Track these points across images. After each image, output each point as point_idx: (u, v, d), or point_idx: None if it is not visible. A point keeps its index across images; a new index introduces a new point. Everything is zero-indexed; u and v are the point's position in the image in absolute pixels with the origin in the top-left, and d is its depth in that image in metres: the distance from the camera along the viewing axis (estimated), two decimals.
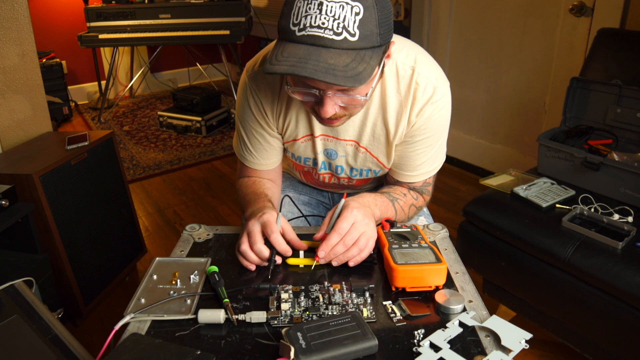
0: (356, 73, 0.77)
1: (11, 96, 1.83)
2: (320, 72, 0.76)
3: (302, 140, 1.11)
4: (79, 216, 1.76)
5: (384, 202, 1.03)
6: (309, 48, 0.77)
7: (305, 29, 0.77)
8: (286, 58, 0.77)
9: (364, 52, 0.79)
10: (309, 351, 0.66)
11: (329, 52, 0.77)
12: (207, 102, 3.71)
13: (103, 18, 3.63)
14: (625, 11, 2.04)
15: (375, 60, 0.81)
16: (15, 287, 0.93)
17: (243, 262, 0.91)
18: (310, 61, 0.76)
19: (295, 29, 0.78)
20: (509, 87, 2.65)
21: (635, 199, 1.46)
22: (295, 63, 0.76)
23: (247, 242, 0.91)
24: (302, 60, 0.76)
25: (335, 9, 0.75)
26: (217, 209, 2.68)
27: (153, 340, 0.70)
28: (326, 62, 0.76)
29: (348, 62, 0.77)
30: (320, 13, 0.76)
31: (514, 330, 0.73)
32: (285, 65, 0.77)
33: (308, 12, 0.76)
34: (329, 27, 0.76)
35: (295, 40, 0.78)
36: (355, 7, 0.76)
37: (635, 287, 1.20)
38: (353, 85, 0.78)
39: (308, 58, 0.76)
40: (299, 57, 0.77)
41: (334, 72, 0.76)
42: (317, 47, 0.77)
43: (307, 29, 0.77)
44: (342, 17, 0.76)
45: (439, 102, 1.00)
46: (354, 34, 0.77)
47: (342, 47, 0.77)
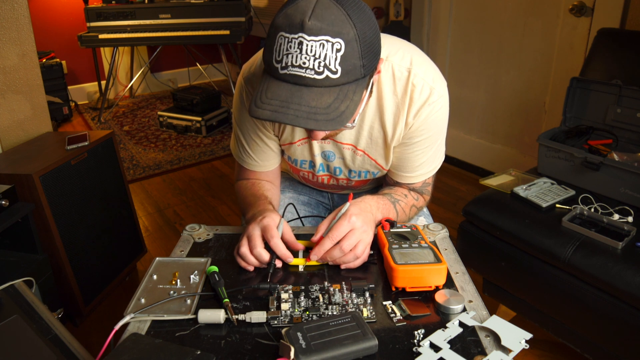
0: (338, 114, 0.78)
1: (11, 96, 1.83)
2: (301, 119, 0.76)
3: (298, 143, 1.11)
4: (79, 216, 1.76)
5: (386, 204, 1.03)
6: (291, 88, 0.77)
7: (287, 68, 0.77)
8: (269, 100, 0.78)
9: (347, 87, 0.79)
10: (309, 351, 0.66)
11: (311, 92, 0.77)
12: (207, 102, 3.71)
13: (103, 18, 3.63)
14: (625, 11, 2.04)
15: (359, 94, 0.81)
16: (15, 287, 0.93)
17: (241, 263, 0.92)
18: (292, 105, 0.76)
19: (278, 66, 0.78)
20: (509, 87, 2.65)
21: (635, 199, 1.46)
22: (277, 108, 0.77)
23: (247, 245, 0.91)
24: (284, 105, 0.77)
25: (315, 48, 0.75)
26: (217, 209, 2.68)
27: (153, 340, 0.70)
28: (308, 104, 0.77)
29: (330, 101, 0.77)
30: (300, 52, 0.75)
31: (514, 330, 0.73)
32: (268, 110, 0.77)
33: (289, 51, 0.76)
34: (309, 66, 0.76)
35: (278, 77, 0.78)
36: (336, 43, 0.75)
37: (635, 287, 1.20)
38: (334, 128, 0.78)
39: (290, 101, 0.77)
40: (282, 99, 0.77)
41: (316, 116, 0.76)
42: (299, 87, 0.77)
43: (289, 68, 0.77)
44: (323, 55, 0.75)
45: (436, 103, 0.99)
46: (335, 71, 0.76)
47: (325, 85, 0.77)
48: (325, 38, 0.75)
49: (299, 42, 0.75)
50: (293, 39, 0.75)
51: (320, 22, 0.74)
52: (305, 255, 0.95)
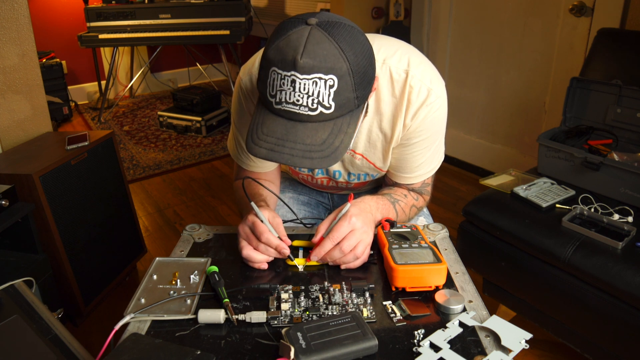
0: (333, 150, 0.78)
1: (11, 96, 1.83)
2: (297, 157, 0.77)
3: None
4: (79, 216, 1.76)
5: (386, 204, 1.03)
6: (286, 124, 0.78)
7: (281, 104, 0.77)
8: (265, 137, 0.79)
9: (341, 120, 0.80)
10: (309, 351, 0.66)
11: (306, 127, 0.78)
12: (207, 102, 3.71)
13: (103, 18, 3.63)
14: (625, 11, 2.04)
15: (353, 125, 0.81)
16: (15, 287, 0.92)
17: (254, 266, 0.92)
18: (288, 143, 0.78)
19: (272, 100, 0.78)
20: (509, 87, 2.65)
21: (635, 199, 1.46)
22: (273, 146, 0.78)
23: (247, 246, 0.91)
24: (280, 143, 0.78)
25: (308, 86, 0.75)
26: (217, 209, 2.68)
27: (153, 340, 0.70)
28: (303, 142, 0.77)
29: (325, 137, 0.78)
30: (294, 90, 0.75)
31: (514, 330, 0.73)
32: (264, 148, 0.79)
33: (282, 88, 0.76)
34: (303, 103, 0.76)
35: (273, 111, 0.79)
36: (329, 80, 0.75)
37: (635, 287, 1.20)
38: (329, 165, 0.79)
39: (285, 139, 0.78)
40: (277, 137, 0.78)
41: (311, 154, 0.77)
42: (294, 123, 0.78)
43: (283, 104, 0.77)
44: (316, 93, 0.75)
45: (434, 104, 0.99)
46: (329, 106, 0.77)
47: (319, 120, 0.78)
48: (317, 76, 0.75)
49: (292, 80, 0.75)
50: (286, 77, 0.75)
51: (312, 60, 0.74)
52: (305, 255, 0.95)
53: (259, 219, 0.91)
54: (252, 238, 0.91)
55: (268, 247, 0.90)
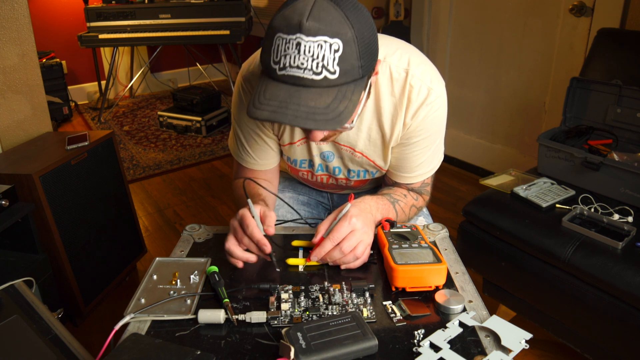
0: (337, 114, 0.77)
1: (11, 96, 1.83)
2: (300, 119, 0.76)
3: (298, 143, 1.11)
4: (79, 216, 1.76)
5: (385, 204, 1.03)
6: (289, 89, 0.77)
7: (285, 69, 0.76)
8: (268, 101, 0.77)
9: (346, 88, 0.79)
10: (309, 351, 0.66)
11: (310, 92, 0.77)
12: (207, 102, 3.71)
13: (103, 18, 3.63)
14: (625, 11, 2.04)
15: (357, 94, 0.81)
16: (15, 287, 0.92)
17: (230, 260, 0.92)
18: (291, 105, 0.76)
19: (275, 67, 0.77)
20: (509, 87, 2.65)
21: (635, 199, 1.46)
22: (276, 108, 0.76)
23: (231, 239, 0.91)
24: (282, 105, 0.76)
25: (313, 48, 0.75)
26: (217, 209, 2.68)
27: (153, 340, 0.70)
28: (307, 105, 0.76)
29: (329, 101, 0.77)
30: (298, 53, 0.75)
31: (514, 330, 0.73)
32: (266, 110, 0.77)
33: (287, 52, 0.76)
34: (308, 67, 0.75)
35: (276, 79, 0.78)
36: (334, 44, 0.75)
37: (635, 287, 1.20)
38: (333, 128, 0.78)
39: (289, 102, 0.76)
40: (280, 100, 0.77)
41: (315, 116, 0.76)
42: (298, 88, 0.77)
43: (287, 69, 0.76)
44: (321, 56, 0.75)
45: (434, 104, 0.99)
46: (333, 71, 0.76)
47: (323, 85, 0.77)
48: (323, 39, 0.75)
49: (297, 43, 0.75)
50: (291, 40, 0.75)
51: (318, 23, 0.74)
52: (305, 255, 0.95)
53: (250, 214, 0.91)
54: (238, 230, 0.91)
55: (251, 243, 0.89)
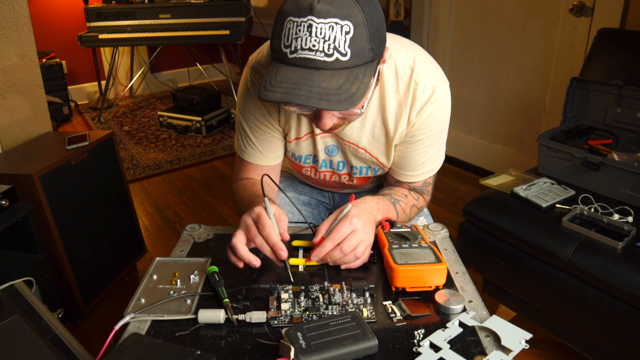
0: (349, 95, 0.78)
1: (11, 96, 1.83)
2: (313, 99, 0.76)
3: (304, 138, 1.11)
4: (79, 216, 1.76)
5: (386, 205, 1.03)
6: (301, 71, 0.77)
7: (296, 52, 0.77)
8: (280, 83, 0.77)
9: (357, 70, 0.79)
10: (309, 351, 0.66)
11: (322, 74, 0.77)
12: (207, 102, 3.71)
13: (103, 18, 3.63)
14: (625, 11, 2.04)
15: (368, 77, 0.81)
16: (15, 287, 0.92)
17: (232, 259, 0.88)
18: (304, 87, 0.76)
19: (287, 51, 0.78)
20: (509, 87, 2.65)
21: (635, 199, 1.46)
22: (288, 90, 0.76)
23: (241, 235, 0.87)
24: (295, 86, 0.76)
25: (324, 30, 0.75)
26: (217, 209, 2.68)
27: (153, 340, 0.70)
28: (319, 86, 0.76)
29: (341, 83, 0.77)
30: (310, 35, 0.75)
31: (514, 330, 0.73)
32: (279, 92, 0.77)
33: (298, 35, 0.76)
34: (319, 49, 0.76)
35: (287, 62, 0.78)
36: (345, 26, 0.76)
37: (635, 287, 1.20)
38: (346, 108, 0.78)
39: (301, 83, 0.76)
40: (292, 82, 0.77)
41: (328, 96, 0.76)
42: (310, 70, 0.77)
43: (298, 52, 0.77)
44: (333, 38, 0.75)
45: (439, 102, 1.00)
46: (345, 53, 0.77)
47: (335, 67, 0.77)
48: (334, 20, 0.75)
49: (309, 25, 0.75)
50: (302, 22, 0.76)
51: (329, 5, 0.75)
52: (305, 255, 0.95)
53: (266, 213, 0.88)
54: (252, 228, 0.87)
55: (264, 243, 0.86)
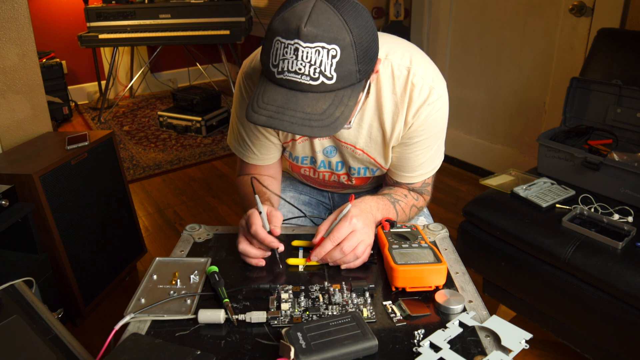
0: (333, 120, 0.78)
1: (11, 96, 1.83)
2: (296, 125, 0.77)
3: (299, 140, 1.11)
4: (79, 216, 1.76)
5: (386, 204, 1.03)
6: (287, 93, 0.78)
7: (283, 73, 0.77)
8: (266, 105, 0.79)
9: (343, 93, 0.79)
10: (309, 351, 0.66)
11: (307, 97, 0.78)
12: (207, 102, 3.71)
13: (103, 18, 3.63)
14: (625, 11, 2.04)
15: (354, 99, 0.81)
16: (15, 287, 0.92)
17: (250, 261, 0.92)
18: (288, 111, 0.77)
19: (274, 70, 0.78)
20: (509, 87, 2.65)
21: (635, 199, 1.46)
22: (273, 114, 0.78)
23: (244, 240, 0.92)
24: (280, 110, 0.78)
25: (310, 54, 0.75)
26: (217, 209, 2.68)
27: (153, 340, 0.70)
28: (303, 110, 0.77)
29: (325, 107, 0.78)
30: (296, 59, 0.76)
31: (514, 330, 0.73)
32: (264, 115, 0.78)
33: (285, 56, 0.77)
34: (305, 72, 0.76)
35: (275, 81, 0.79)
36: (332, 50, 0.76)
37: (635, 287, 1.20)
38: (328, 134, 0.79)
39: (286, 107, 0.77)
40: (278, 104, 0.78)
41: (310, 122, 0.77)
42: (295, 93, 0.78)
43: (285, 73, 0.77)
44: (319, 62, 0.76)
45: (436, 103, 0.99)
46: (331, 77, 0.77)
47: (320, 90, 0.78)
48: (320, 45, 0.75)
49: (295, 49, 0.75)
50: (289, 45, 0.76)
51: (316, 29, 0.75)
52: (305, 255, 0.95)
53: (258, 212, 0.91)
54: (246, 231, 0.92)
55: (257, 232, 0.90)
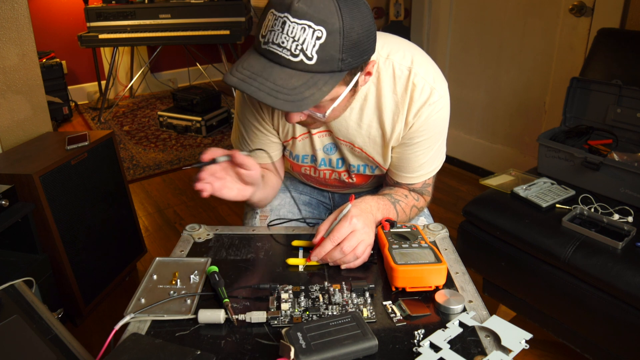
0: (300, 98, 0.78)
1: (11, 96, 1.83)
2: (262, 92, 0.77)
3: (300, 138, 1.11)
4: (79, 216, 1.76)
5: (386, 205, 1.03)
6: (265, 63, 0.79)
7: (267, 44, 0.78)
8: (243, 70, 0.80)
9: (319, 77, 0.79)
10: (309, 351, 0.66)
11: (283, 71, 0.78)
12: (207, 102, 3.71)
13: (103, 18, 3.63)
14: (625, 11, 2.04)
15: (330, 86, 0.81)
16: (15, 287, 0.92)
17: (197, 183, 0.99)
18: (259, 79, 0.78)
19: (261, 40, 0.79)
20: (509, 87, 2.65)
21: (635, 199, 1.46)
22: (245, 78, 0.79)
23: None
24: (252, 77, 0.79)
25: (296, 30, 0.76)
26: (217, 209, 2.68)
27: (153, 340, 0.70)
28: (274, 82, 0.78)
29: (297, 85, 0.78)
30: (282, 32, 0.76)
31: (514, 330, 0.73)
32: (236, 78, 0.79)
33: (272, 28, 0.77)
34: (287, 47, 0.77)
35: (259, 51, 0.80)
36: (317, 31, 0.76)
37: (635, 287, 1.20)
38: (291, 110, 0.79)
39: (259, 75, 0.78)
40: (253, 71, 0.79)
41: (277, 94, 0.77)
42: (273, 64, 0.79)
43: (269, 44, 0.78)
44: (302, 39, 0.76)
45: (437, 104, 0.99)
46: (311, 57, 0.77)
47: (297, 68, 0.78)
48: (307, 23, 0.76)
49: (283, 22, 0.76)
50: (279, 17, 0.77)
51: (307, 7, 0.75)
52: (305, 255, 0.95)
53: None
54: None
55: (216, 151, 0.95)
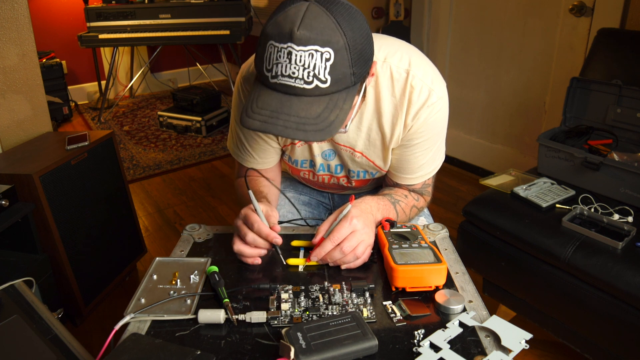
0: (328, 124, 0.78)
1: (11, 96, 1.83)
2: (290, 129, 0.77)
3: (299, 144, 1.11)
4: (79, 216, 1.76)
5: (386, 205, 1.03)
6: (281, 97, 0.78)
7: (277, 77, 0.77)
8: (260, 110, 0.78)
9: (337, 96, 0.79)
10: (309, 351, 0.66)
11: (301, 101, 0.77)
12: (207, 102, 3.71)
13: (103, 18, 3.63)
14: (625, 11, 2.04)
15: (349, 102, 0.81)
16: (15, 287, 0.93)
17: (246, 260, 0.92)
18: (282, 115, 0.77)
19: (268, 74, 0.78)
20: (509, 87, 2.65)
21: (635, 199, 1.46)
22: (267, 118, 0.77)
23: (238, 240, 0.92)
24: (273, 115, 0.77)
25: (304, 58, 0.75)
26: (217, 209, 2.68)
27: (153, 340, 0.70)
28: (297, 114, 0.77)
29: (320, 111, 0.78)
30: (290, 62, 0.75)
31: (514, 330, 0.73)
32: (258, 120, 0.78)
33: (278, 60, 0.76)
34: (299, 76, 0.76)
35: (269, 86, 0.79)
36: (325, 53, 0.75)
37: (635, 287, 1.20)
38: (324, 138, 0.79)
39: (280, 111, 0.77)
40: (272, 109, 0.78)
41: (305, 126, 0.77)
42: (289, 97, 0.78)
43: (278, 77, 0.77)
44: (312, 65, 0.75)
45: (435, 105, 0.99)
46: (325, 80, 0.77)
47: (314, 94, 0.77)
48: (314, 48, 0.75)
49: (288, 52, 0.75)
50: (282, 49, 0.75)
51: (309, 32, 0.74)
52: (305, 255, 0.95)
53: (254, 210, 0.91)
54: (242, 228, 0.91)
55: (256, 238, 0.90)
